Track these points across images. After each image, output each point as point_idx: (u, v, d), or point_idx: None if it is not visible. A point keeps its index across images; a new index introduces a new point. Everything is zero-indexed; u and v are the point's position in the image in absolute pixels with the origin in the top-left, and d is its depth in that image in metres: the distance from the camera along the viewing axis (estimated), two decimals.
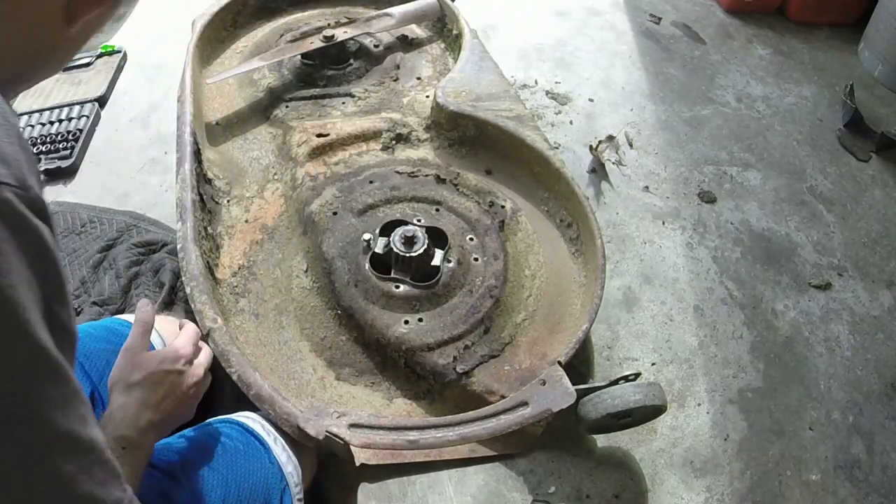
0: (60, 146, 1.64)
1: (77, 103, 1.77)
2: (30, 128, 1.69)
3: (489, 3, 2.19)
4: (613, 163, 1.65)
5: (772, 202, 1.66)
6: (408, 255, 1.16)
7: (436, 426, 0.98)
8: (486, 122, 1.44)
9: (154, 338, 0.95)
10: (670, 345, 1.34)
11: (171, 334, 1.02)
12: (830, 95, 1.99)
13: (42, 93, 1.82)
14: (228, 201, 1.38)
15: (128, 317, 0.98)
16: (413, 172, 1.38)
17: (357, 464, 1.03)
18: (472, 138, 1.47)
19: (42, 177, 1.58)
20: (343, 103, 1.60)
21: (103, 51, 1.92)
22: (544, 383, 1.04)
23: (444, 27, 1.83)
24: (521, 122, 1.45)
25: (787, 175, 1.74)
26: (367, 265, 1.18)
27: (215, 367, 1.04)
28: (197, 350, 0.82)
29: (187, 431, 0.84)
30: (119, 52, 1.94)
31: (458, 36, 1.73)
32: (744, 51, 2.12)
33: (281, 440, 0.88)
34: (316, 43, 1.62)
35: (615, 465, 1.15)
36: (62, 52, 0.51)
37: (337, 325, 1.16)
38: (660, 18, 2.19)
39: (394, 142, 1.48)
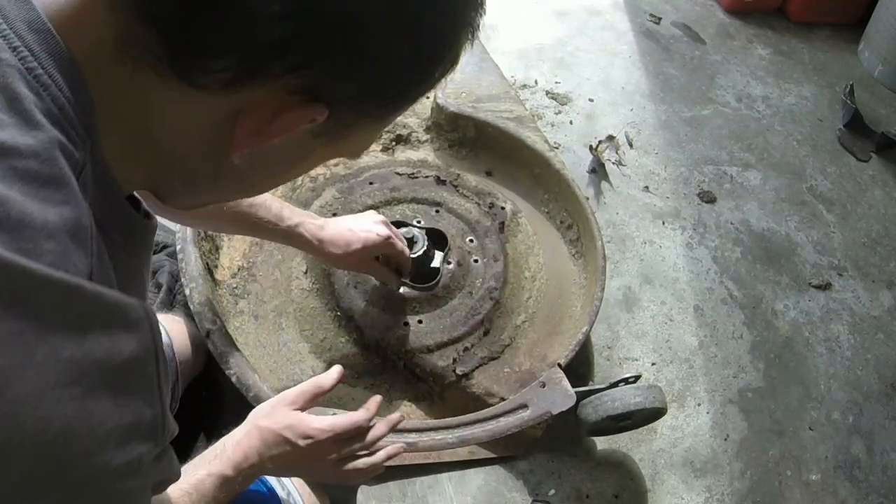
0: None
1: None
2: None
3: (489, 4, 2.19)
4: (613, 163, 1.65)
5: (772, 202, 1.66)
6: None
7: (435, 428, 0.98)
8: (487, 124, 1.44)
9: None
10: (670, 345, 1.34)
11: (178, 334, 1.01)
12: (830, 95, 1.99)
13: None
14: None
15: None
16: (413, 174, 1.38)
17: None
18: (473, 139, 1.47)
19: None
20: None
21: None
22: (544, 385, 1.04)
23: None
24: (522, 124, 1.45)
25: (787, 175, 1.74)
26: None
27: (216, 371, 1.04)
28: (350, 440, 0.75)
29: None
30: None
31: None
32: (744, 51, 2.12)
33: (294, 495, 0.85)
34: None
35: (615, 466, 1.15)
36: (224, 181, 0.45)
37: (336, 326, 1.16)
38: (660, 18, 2.19)
39: (393, 143, 1.48)
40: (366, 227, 1.02)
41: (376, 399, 0.80)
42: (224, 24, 0.34)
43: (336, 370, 0.79)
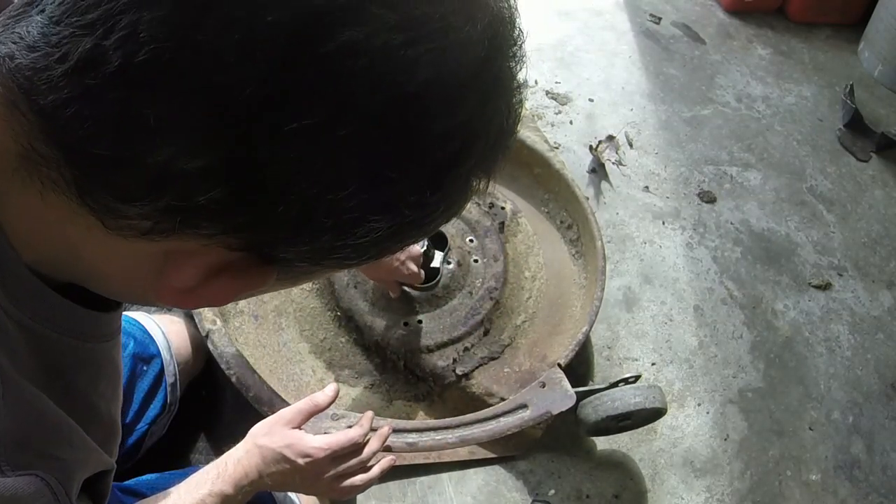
0: None
1: None
2: None
3: None
4: (613, 163, 1.65)
5: (772, 202, 1.66)
6: None
7: (435, 428, 0.98)
8: None
9: (158, 336, 0.95)
10: (670, 345, 1.34)
11: (178, 334, 1.02)
12: (830, 95, 1.99)
13: None
14: None
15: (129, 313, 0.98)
16: None
17: None
18: None
19: None
20: None
21: None
22: (544, 385, 1.04)
23: None
24: (521, 124, 1.44)
25: (787, 175, 1.73)
26: None
27: (215, 370, 1.04)
28: (346, 457, 0.75)
29: (190, 469, 0.83)
30: None
31: None
32: (744, 51, 2.12)
33: (291, 495, 0.86)
34: None
35: (615, 466, 1.15)
36: (157, 302, 0.39)
37: (336, 326, 1.16)
38: (660, 18, 2.18)
39: None
40: (400, 256, 1.03)
41: (369, 415, 0.81)
42: (136, 170, 0.27)
43: (332, 388, 0.79)
